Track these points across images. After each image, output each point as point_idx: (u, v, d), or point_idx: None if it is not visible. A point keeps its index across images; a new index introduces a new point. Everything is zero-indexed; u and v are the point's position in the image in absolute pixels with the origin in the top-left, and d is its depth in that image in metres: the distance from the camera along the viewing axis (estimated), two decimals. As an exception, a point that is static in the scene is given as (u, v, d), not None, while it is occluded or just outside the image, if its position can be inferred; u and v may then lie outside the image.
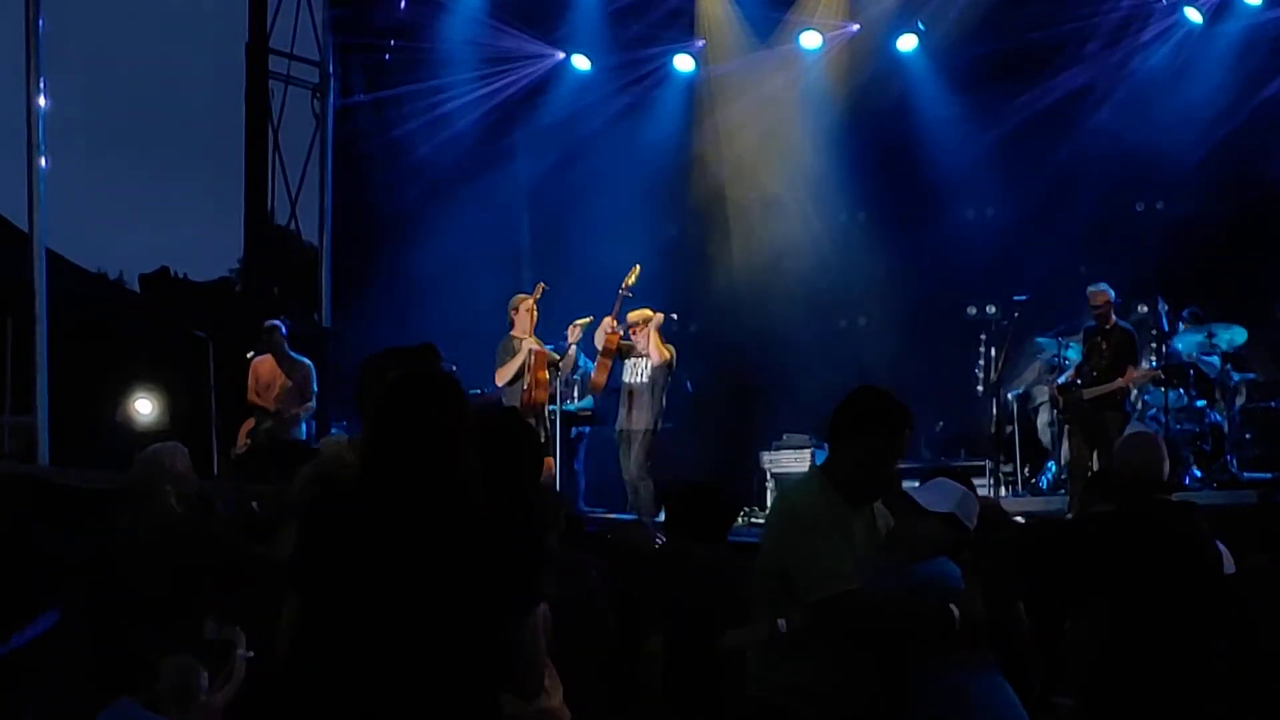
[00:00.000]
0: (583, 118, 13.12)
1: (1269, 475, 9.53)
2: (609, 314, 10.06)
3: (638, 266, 10.20)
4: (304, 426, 10.27)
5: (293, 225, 11.82)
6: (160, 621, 4.71)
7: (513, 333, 10.06)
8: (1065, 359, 10.03)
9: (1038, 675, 4.36)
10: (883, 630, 3.85)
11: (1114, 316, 9.58)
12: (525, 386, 9.83)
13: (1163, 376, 9.86)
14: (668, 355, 9.97)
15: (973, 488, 4.29)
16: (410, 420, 3.22)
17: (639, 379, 9.99)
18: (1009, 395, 10.92)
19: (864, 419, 3.99)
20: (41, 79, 9.23)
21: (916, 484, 4.31)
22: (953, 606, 3.77)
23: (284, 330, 10.19)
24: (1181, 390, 9.92)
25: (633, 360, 10.08)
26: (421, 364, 3.69)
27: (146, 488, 5.38)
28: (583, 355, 10.27)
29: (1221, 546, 5.11)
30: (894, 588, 3.87)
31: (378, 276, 12.18)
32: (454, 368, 9.72)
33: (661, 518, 9.32)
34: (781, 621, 3.80)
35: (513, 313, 10.11)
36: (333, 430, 10.26)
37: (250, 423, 10.15)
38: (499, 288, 12.98)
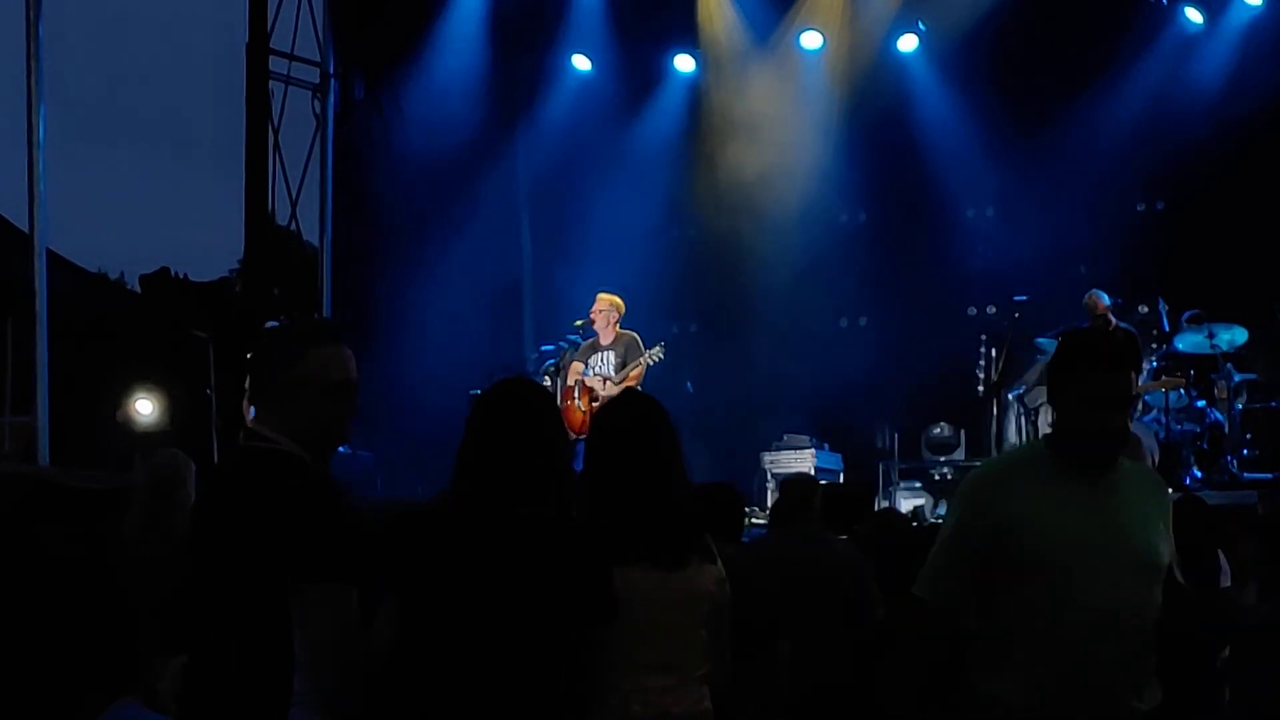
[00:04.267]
0: (583, 118, 13.12)
1: (1269, 475, 9.53)
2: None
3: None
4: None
5: (293, 225, 11.80)
6: (165, 621, 4.70)
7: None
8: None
9: None
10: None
11: (1114, 319, 9.56)
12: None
13: (1186, 381, 9.84)
14: (641, 372, 9.59)
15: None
16: (507, 430, 3.24)
17: (605, 368, 9.90)
18: (1009, 395, 10.92)
19: (1062, 362, 3.37)
20: (41, 79, 9.22)
21: None
22: None
23: None
24: (1182, 390, 9.93)
25: (599, 354, 9.97)
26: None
27: (170, 488, 5.38)
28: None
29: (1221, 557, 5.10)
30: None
31: (378, 276, 12.17)
32: (545, 380, 9.70)
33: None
34: None
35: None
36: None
37: None
38: (499, 288, 13.01)
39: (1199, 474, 9.76)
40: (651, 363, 9.58)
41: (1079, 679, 3.18)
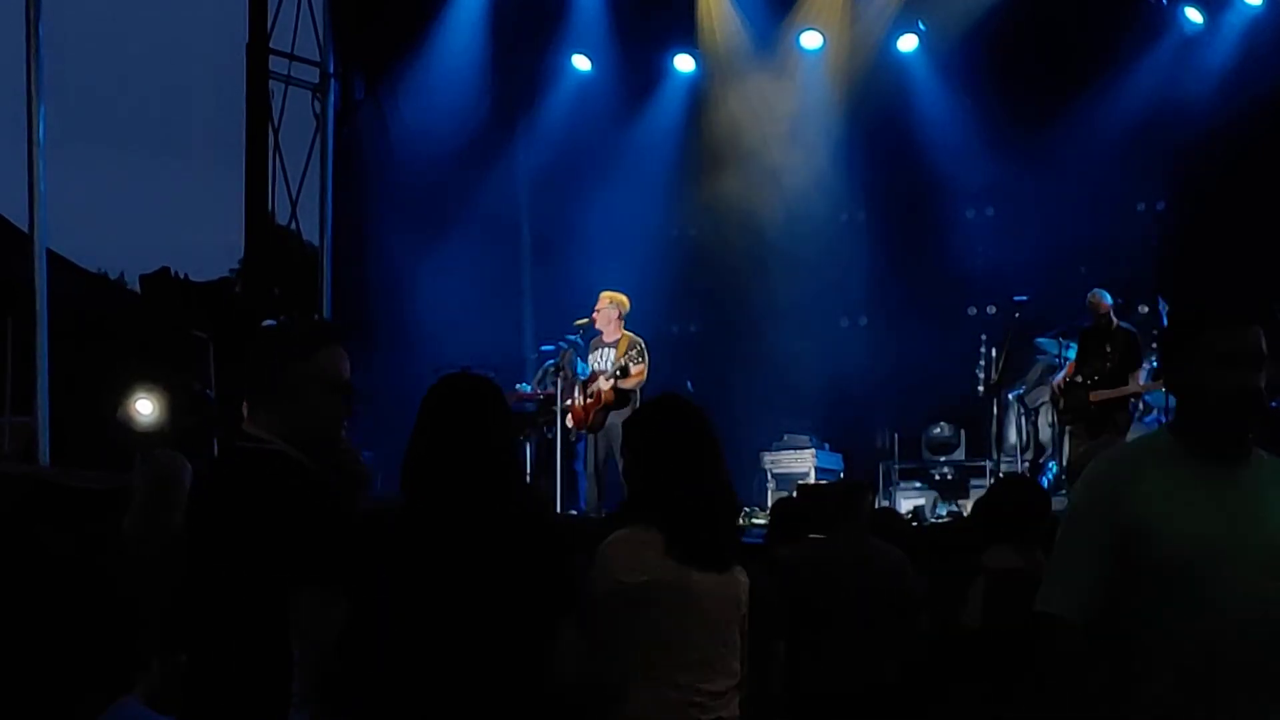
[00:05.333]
0: (583, 118, 13.13)
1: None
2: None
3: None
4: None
5: (293, 225, 11.81)
6: (165, 621, 4.69)
7: None
8: (1065, 359, 10.04)
9: None
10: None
11: (1115, 319, 9.57)
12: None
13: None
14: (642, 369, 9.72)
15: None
16: (460, 425, 3.23)
17: (605, 365, 9.90)
18: (1009, 395, 10.92)
19: (1188, 326, 2.98)
20: (41, 79, 9.21)
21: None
22: None
23: None
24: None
25: (600, 350, 9.97)
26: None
27: (169, 488, 5.37)
28: (579, 361, 10.25)
29: None
30: None
31: (378, 277, 12.18)
32: (492, 374, 9.73)
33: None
34: None
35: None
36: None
37: None
38: (499, 288, 13.01)
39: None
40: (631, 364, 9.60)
41: (1223, 698, 2.80)
